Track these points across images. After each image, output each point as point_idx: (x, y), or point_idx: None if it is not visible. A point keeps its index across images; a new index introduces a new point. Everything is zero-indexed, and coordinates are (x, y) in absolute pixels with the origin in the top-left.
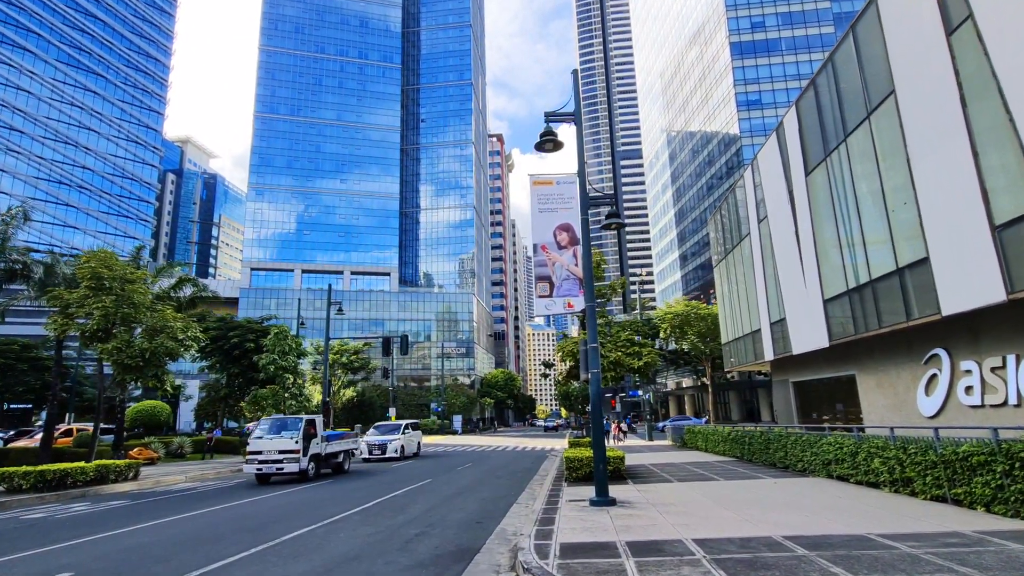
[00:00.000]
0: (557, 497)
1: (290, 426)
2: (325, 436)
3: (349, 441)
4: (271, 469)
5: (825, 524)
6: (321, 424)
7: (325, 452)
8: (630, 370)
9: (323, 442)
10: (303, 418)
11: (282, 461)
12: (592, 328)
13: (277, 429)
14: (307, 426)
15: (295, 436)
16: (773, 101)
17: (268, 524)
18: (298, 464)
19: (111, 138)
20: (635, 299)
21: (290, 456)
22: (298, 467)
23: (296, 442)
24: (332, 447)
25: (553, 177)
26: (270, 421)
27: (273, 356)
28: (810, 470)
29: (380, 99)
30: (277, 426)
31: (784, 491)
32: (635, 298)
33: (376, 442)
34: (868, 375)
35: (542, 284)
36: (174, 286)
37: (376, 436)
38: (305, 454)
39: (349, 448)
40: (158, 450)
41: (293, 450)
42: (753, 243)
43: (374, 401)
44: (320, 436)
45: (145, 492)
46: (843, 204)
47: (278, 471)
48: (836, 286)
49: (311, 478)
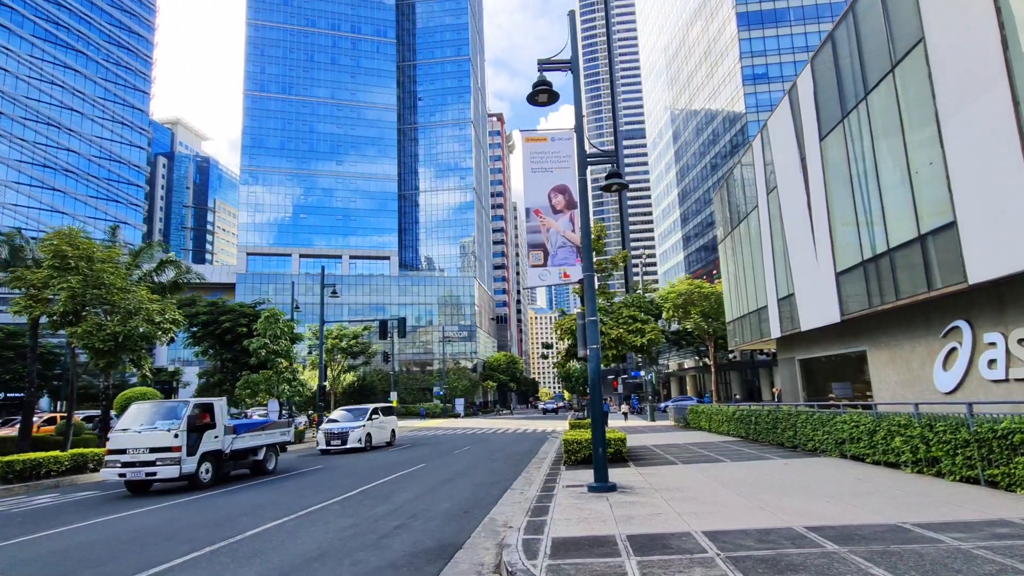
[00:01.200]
0: (554, 482)
1: (168, 414)
2: (232, 426)
3: (273, 432)
4: (138, 475)
5: (851, 512)
6: (222, 411)
7: (231, 448)
8: (632, 348)
9: (229, 434)
10: (188, 402)
11: (155, 463)
12: (591, 299)
13: (151, 418)
14: (196, 414)
15: (174, 428)
16: (780, 75)
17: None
18: (178, 467)
19: (95, 119)
20: (638, 281)
21: (166, 456)
22: (178, 470)
23: (175, 436)
24: (245, 441)
25: (547, 133)
26: (137, 408)
27: (264, 340)
28: (821, 449)
29: (375, 76)
30: (151, 414)
31: (797, 473)
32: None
33: (335, 431)
34: (880, 351)
35: (535, 252)
36: (155, 268)
37: (335, 423)
38: (193, 452)
39: (276, 441)
40: None
41: (169, 447)
42: (761, 216)
43: (375, 386)
44: (222, 426)
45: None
46: (860, 169)
47: (148, 477)
48: (850, 257)
49: (206, 484)
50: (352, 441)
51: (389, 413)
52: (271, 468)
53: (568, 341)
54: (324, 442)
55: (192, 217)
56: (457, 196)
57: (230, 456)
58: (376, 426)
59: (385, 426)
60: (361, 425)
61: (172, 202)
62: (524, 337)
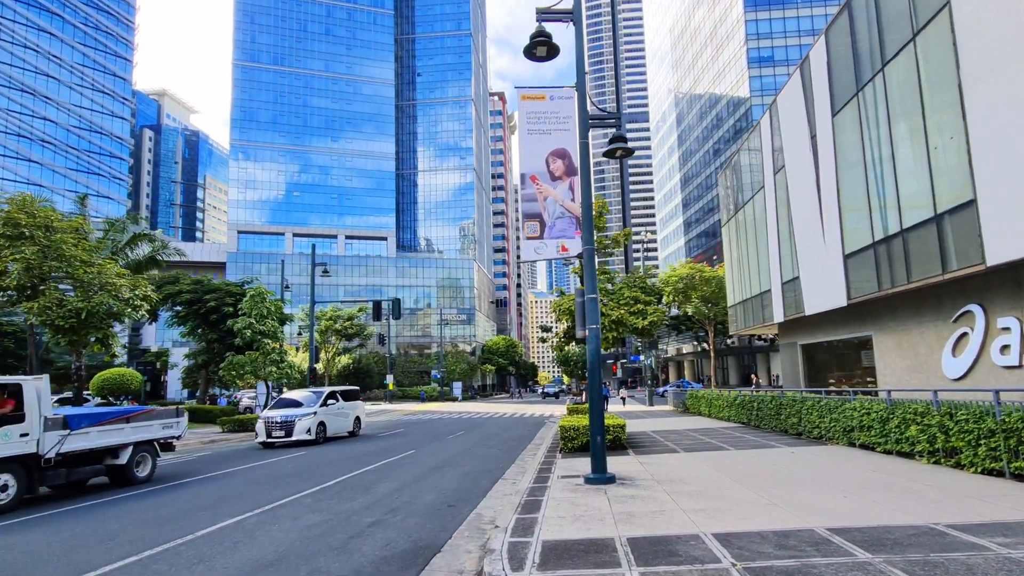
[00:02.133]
0: (549, 472)
1: None
2: (62, 418)
3: (145, 425)
4: None
5: (874, 510)
6: (39, 396)
7: (61, 451)
8: (633, 330)
9: (54, 430)
10: None
11: None
12: (590, 275)
13: None
14: None
15: None
16: (786, 58)
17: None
18: None
19: (74, 86)
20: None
21: None
22: None
23: None
24: (89, 440)
25: (545, 90)
26: None
27: (250, 320)
28: (828, 437)
29: (372, 49)
30: None
31: (806, 463)
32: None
33: (277, 419)
34: (887, 336)
35: (531, 223)
36: (128, 242)
37: (279, 410)
38: None
39: (150, 438)
40: None
41: None
42: (767, 197)
43: (371, 369)
44: (39, 419)
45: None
46: (874, 145)
47: None
48: (860, 239)
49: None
50: (299, 432)
51: (352, 398)
52: (143, 476)
53: (567, 322)
54: (264, 433)
55: (181, 193)
56: (457, 176)
57: (60, 461)
58: (333, 413)
59: (346, 413)
60: (311, 412)
61: (159, 177)
62: (524, 321)
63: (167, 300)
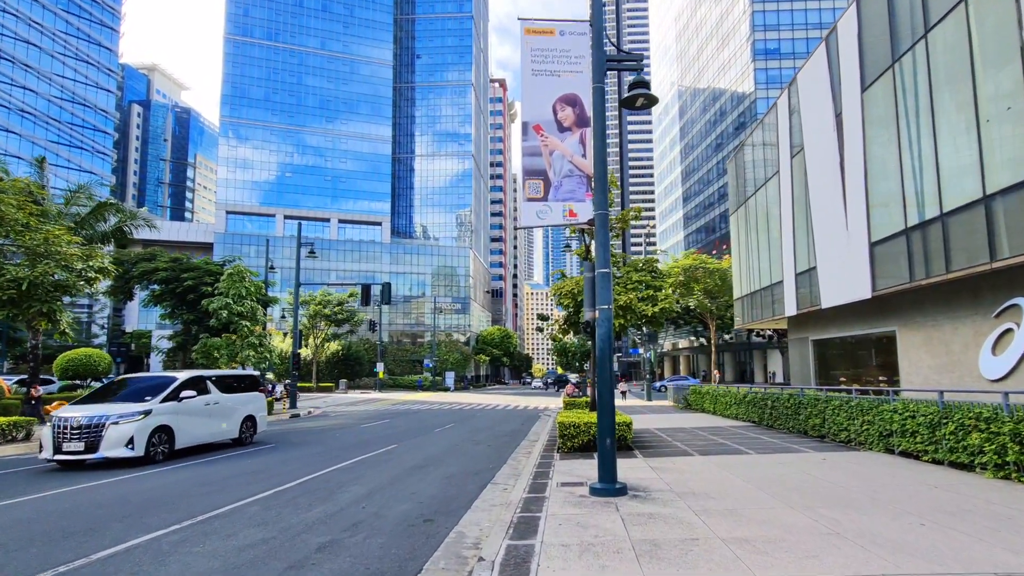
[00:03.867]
0: (546, 477)
1: None
2: None
3: None
4: None
5: (976, 548)
6: None
7: None
8: (642, 319)
9: None
10: None
11: None
12: (603, 244)
13: None
14: None
15: None
16: (792, 51)
17: None
18: None
19: (57, 55)
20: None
21: None
22: None
23: None
24: None
25: (554, 24)
26: None
27: (226, 300)
28: (860, 442)
29: (370, 27)
30: None
31: (847, 473)
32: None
33: (75, 422)
34: (913, 331)
35: (533, 181)
36: (92, 212)
37: (80, 409)
38: None
39: None
40: None
41: None
42: (782, 183)
43: (361, 356)
44: None
45: (21, 458)
46: (911, 122)
47: None
48: (889, 225)
49: None
50: (111, 445)
51: (241, 388)
52: None
53: (569, 307)
54: (50, 447)
55: (171, 172)
56: (455, 163)
57: None
58: (192, 412)
59: (224, 411)
60: (139, 412)
61: (148, 155)
62: (519, 312)
63: (142, 278)
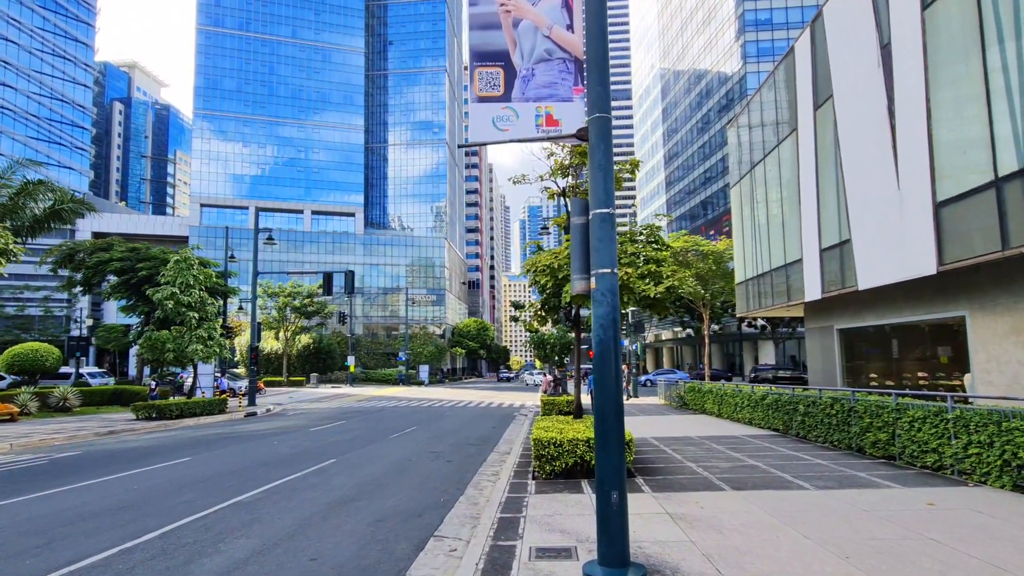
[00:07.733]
0: (515, 529)
1: None
2: None
3: None
4: None
5: None
6: None
7: None
8: (642, 300)
9: None
10: None
11: None
12: (603, 170)
13: None
14: None
15: None
16: (785, 21)
17: None
18: None
19: (34, 51)
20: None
21: None
22: None
23: None
24: None
25: None
26: None
27: (172, 290)
28: (962, 471)
29: (341, 15)
30: None
31: (993, 536)
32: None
33: None
34: (994, 317)
35: (488, 70)
36: (19, 191)
37: None
38: None
39: None
40: (27, 403)
41: None
42: (801, 142)
43: (333, 349)
44: None
45: None
46: (1006, 34)
47: None
48: (967, 178)
49: None
50: None
51: None
52: None
53: (547, 287)
54: None
55: (152, 168)
56: (429, 152)
57: None
58: None
59: None
60: None
61: (130, 152)
62: (497, 304)
63: (96, 268)
